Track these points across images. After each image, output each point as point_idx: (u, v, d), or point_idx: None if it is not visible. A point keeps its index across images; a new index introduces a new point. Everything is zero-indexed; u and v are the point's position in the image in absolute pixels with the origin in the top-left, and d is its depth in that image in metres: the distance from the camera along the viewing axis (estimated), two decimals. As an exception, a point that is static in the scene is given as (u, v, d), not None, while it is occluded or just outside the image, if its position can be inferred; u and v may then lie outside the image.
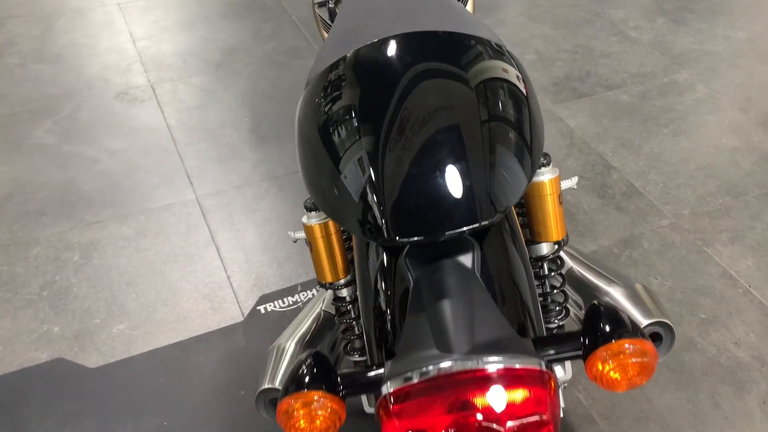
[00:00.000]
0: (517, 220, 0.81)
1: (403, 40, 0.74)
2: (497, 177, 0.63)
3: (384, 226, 0.62)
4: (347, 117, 0.69)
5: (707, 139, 1.98)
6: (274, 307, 1.47)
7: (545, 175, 0.79)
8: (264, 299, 1.49)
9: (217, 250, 1.60)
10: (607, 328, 0.58)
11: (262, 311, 1.46)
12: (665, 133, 2.01)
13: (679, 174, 1.86)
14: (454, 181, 0.61)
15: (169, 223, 1.68)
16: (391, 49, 0.73)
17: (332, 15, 1.29)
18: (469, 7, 1.30)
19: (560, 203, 0.81)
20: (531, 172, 0.67)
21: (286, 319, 1.45)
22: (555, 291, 0.87)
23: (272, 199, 1.75)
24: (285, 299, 1.48)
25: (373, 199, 0.63)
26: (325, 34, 1.36)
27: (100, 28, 2.45)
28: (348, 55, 0.75)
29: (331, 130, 0.70)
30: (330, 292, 0.89)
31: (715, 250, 1.64)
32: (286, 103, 2.09)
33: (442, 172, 0.62)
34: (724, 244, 1.66)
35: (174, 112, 2.04)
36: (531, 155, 0.68)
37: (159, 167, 1.84)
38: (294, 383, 0.59)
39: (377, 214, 0.63)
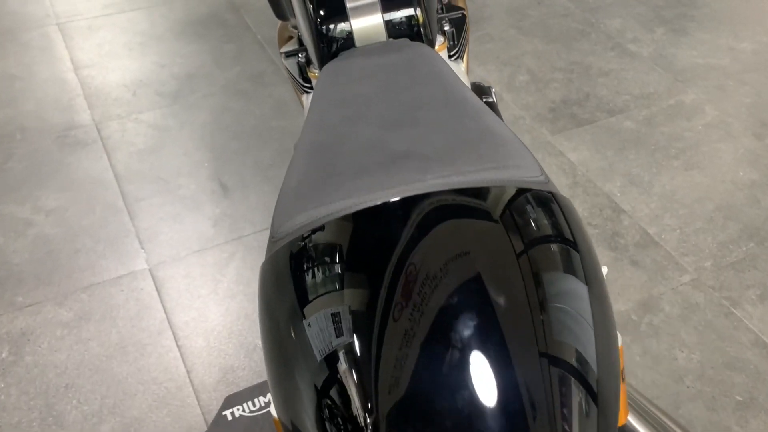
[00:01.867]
0: None
1: (412, 203, 0.50)
2: None
3: None
4: (330, 331, 0.45)
5: (723, 173, 1.79)
6: (243, 410, 1.24)
7: None
8: (231, 401, 1.26)
9: (174, 337, 1.36)
10: None
11: (229, 417, 1.23)
12: (676, 166, 1.81)
13: (696, 217, 1.67)
14: None
15: (116, 302, 1.43)
16: (393, 216, 0.50)
17: (302, 71, 1.05)
18: (462, 66, 1.07)
19: (623, 379, 0.59)
20: (616, 417, 0.45)
21: (257, 425, 1.23)
22: None
23: (237, 266, 1.51)
24: (255, 400, 1.25)
25: None
26: (301, 97, 1.11)
27: (36, 55, 2.16)
28: (328, 224, 0.51)
29: (304, 334, 0.47)
30: None
31: (744, 311, 1.45)
32: (251, 142, 1.84)
33: None
34: (753, 303, 1.47)
35: (123, 158, 1.78)
36: (612, 382, 0.46)
37: (105, 229, 1.58)
38: None
39: None
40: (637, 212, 1.68)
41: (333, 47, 0.84)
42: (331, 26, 0.84)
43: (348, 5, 0.83)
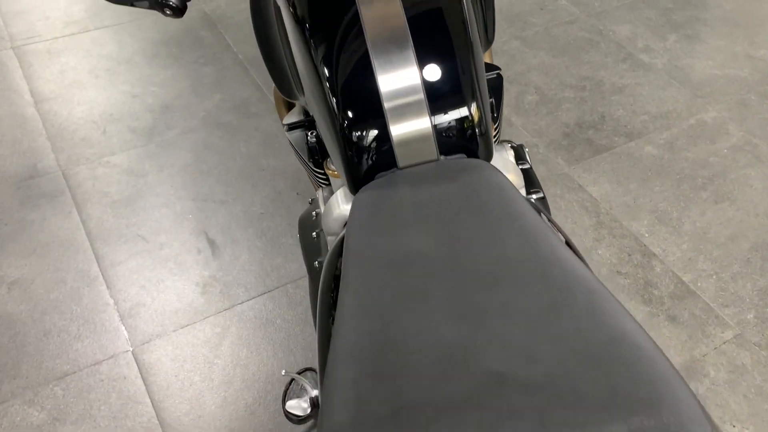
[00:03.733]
0: None
1: None
2: None
3: None
4: None
5: (755, 205, 1.65)
6: None
7: None
8: None
9: (166, 439, 1.19)
10: None
11: None
12: (705, 198, 1.67)
13: (732, 258, 1.53)
14: None
15: (96, 396, 1.25)
16: None
17: (312, 151, 0.88)
18: (510, 154, 0.89)
19: None
20: None
21: None
22: None
23: (233, 343, 1.34)
24: None
25: None
26: (317, 190, 0.93)
27: (-11, 87, 1.93)
28: None
29: None
30: None
31: (795, 372, 1.32)
32: (239, 186, 1.65)
33: None
34: (803, 361, 1.34)
35: (95, 212, 1.58)
36: None
37: (78, 304, 1.39)
38: None
39: None
40: (668, 256, 1.54)
41: (366, 162, 0.66)
42: (364, 133, 0.66)
43: (386, 104, 0.65)
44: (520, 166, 1.00)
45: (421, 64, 0.66)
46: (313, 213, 1.05)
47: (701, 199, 1.67)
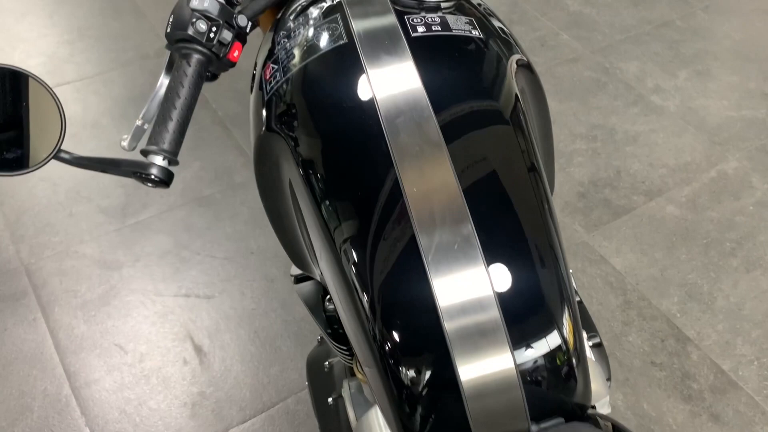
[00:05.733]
0: None
1: None
2: None
3: None
4: None
5: (790, 273, 1.53)
6: None
7: None
8: None
9: None
10: None
11: None
12: (736, 267, 1.54)
13: (773, 340, 1.40)
14: None
15: None
16: None
17: (331, 320, 0.72)
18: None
19: None
20: None
21: None
22: None
23: (230, 477, 1.17)
24: None
25: None
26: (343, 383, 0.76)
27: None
28: None
29: None
30: None
31: None
32: (227, 275, 1.47)
33: None
34: None
35: (63, 317, 1.39)
36: None
37: (48, 437, 1.21)
38: None
39: None
40: (704, 339, 1.40)
41: (421, 414, 0.48)
42: (417, 371, 0.48)
43: (447, 325, 0.45)
44: (590, 343, 0.84)
45: (490, 260, 0.48)
46: (327, 364, 0.89)
47: (732, 267, 1.54)
